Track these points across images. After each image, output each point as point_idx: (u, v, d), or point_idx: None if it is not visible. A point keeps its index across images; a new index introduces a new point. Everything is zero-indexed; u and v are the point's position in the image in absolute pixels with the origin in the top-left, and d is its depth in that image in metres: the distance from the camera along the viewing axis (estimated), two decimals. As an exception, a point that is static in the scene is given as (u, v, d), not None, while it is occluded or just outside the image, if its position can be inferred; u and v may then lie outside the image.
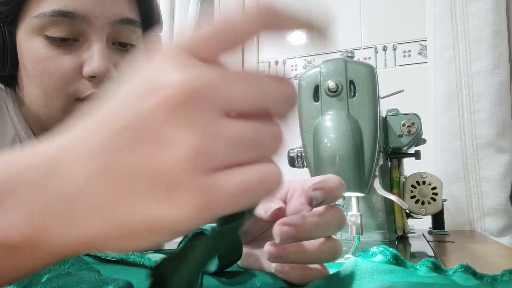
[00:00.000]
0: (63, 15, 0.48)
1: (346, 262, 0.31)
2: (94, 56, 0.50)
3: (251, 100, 0.18)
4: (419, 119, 0.61)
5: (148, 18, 0.57)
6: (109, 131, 0.18)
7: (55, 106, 0.51)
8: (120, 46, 0.54)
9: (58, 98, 0.51)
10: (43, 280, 0.26)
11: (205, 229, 0.27)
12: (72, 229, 0.19)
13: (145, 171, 0.17)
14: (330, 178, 0.29)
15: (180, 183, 0.17)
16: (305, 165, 0.56)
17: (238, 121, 0.18)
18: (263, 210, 0.31)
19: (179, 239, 0.28)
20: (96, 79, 0.51)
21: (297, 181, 0.34)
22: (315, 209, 0.29)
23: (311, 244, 0.29)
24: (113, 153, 0.18)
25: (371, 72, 0.52)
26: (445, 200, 0.74)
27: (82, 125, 0.20)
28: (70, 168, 0.19)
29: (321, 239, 0.29)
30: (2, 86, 0.57)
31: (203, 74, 0.18)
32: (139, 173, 0.18)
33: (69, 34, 0.49)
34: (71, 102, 0.51)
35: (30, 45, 0.50)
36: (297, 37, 0.22)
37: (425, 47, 1.17)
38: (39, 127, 0.57)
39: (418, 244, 0.62)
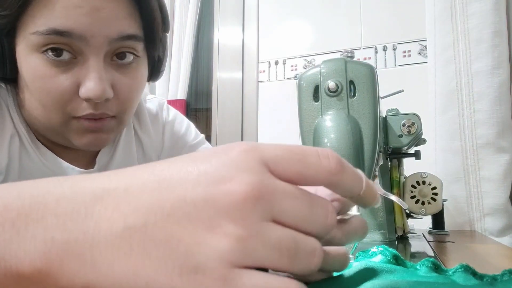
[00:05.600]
0: (59, 34, 0.46)
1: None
2: (90, 78, 0.48)
3: (299, 220, 0.20)
4: (419, 119, 0.61)
5: (151, 28, 0.54)
6: (162, 196, 0.19)
7: (54, 120, 0.51)
8: (120, 60, 0.52)
9: (56, 114, 0.50)
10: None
11: None
12: (85, 273, 0.19)
13: (180, 247, 0.19)
14: None
15: (207, 268, 0.18)
16: (305, 165, 0.56)
17: (281, 227, 0.20)
18: None
19: None
20: (92, 101, 0.49)
21: (309, 189, 0.33)
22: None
23: (328, 252, 0.29)
24: (158, 219, 0.19)
25: (371, 72, 0.52)
26: (445, 200, 0.74)
27: (136, 176, 0.21)
28: (106, 215, 0.20)
29: (336, 249, 0.29)
30: (3, 85, 0.57)
31: (270, 185, 0.20)
32: (174, 247, 0.19)
33: (66, 53, 0.48)
34: (68, 120, 0.51)
35: (29, 61, 0.49)
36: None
37: (425, 47, 1.17)
38: (37, 129, 0.57)
39: (418, 244, 0.62)
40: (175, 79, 1.64)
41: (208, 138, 1.53)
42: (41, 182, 0.22)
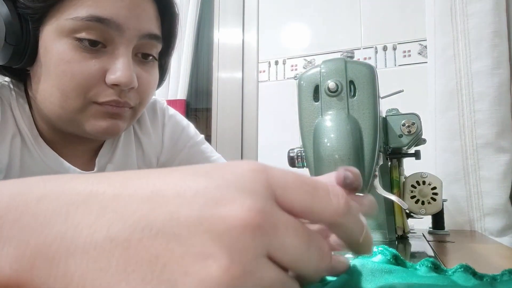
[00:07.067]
0: (99, 21, 0.49)
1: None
2: (120, 66, 0.51)
3: (295, 259, 0.19)
4: (419, 119, 0.61)
5: (168, 35, 0.60)
6: (153, 210, 0.17)
7: (70, 107, 0.52)
8: (142, 58, 0.56)
9: (74, 100, 0.51)
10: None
11: None
12: (54, 282, 0.17)
13: (165, 273, 0.16)
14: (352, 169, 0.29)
15: None
16: (305, 165, 0.56)
17: (274, 267, 0.18)
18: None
19: None
20: (118, 88, 0.52)
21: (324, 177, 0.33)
22: None
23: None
24: (144, 235, 0.17)
25: (371, 72, 0.52)
26: (445, 200, 0.74)
27: (128, 182, 0.19)
28: (89, 220, 0.18)
29: (336, 257, 0.28)
30: (6, 84, 0.57)
31: (273, 216, 0.18)
32: (157, 273, 0.16)
33: (99, 39, 0.50)
34: (87, 104, 0.52)
35: (58, 45, 0.50)
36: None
37: (425, 47, 1.17)
38: (46, 124, 0.57)
39: (418, 244, 0.62)
40: (175, 79, 1.64)
41: (208, 138, 1.53)
42: (25, 181, 0.20)
